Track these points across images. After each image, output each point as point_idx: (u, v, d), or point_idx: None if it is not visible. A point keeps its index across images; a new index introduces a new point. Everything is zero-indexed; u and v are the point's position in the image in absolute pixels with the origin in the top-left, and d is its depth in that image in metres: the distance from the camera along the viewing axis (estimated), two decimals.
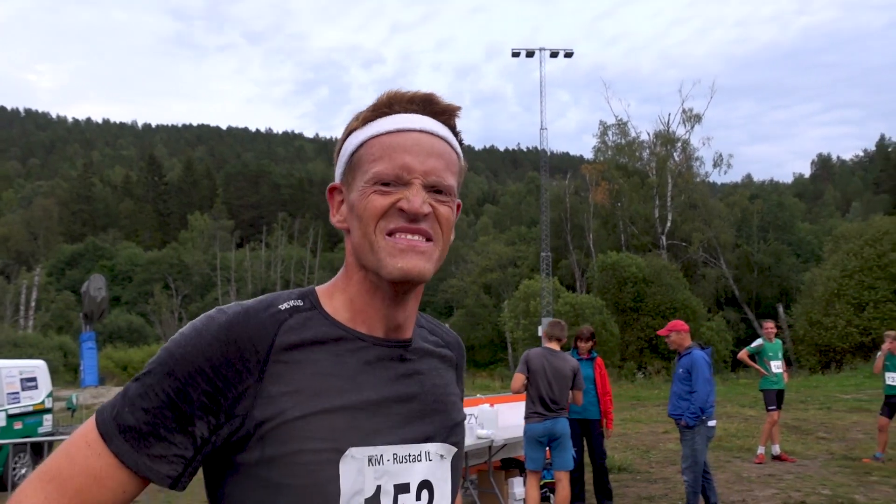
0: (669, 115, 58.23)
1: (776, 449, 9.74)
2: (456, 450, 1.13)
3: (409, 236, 1.01)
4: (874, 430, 10.35)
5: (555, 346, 6.50)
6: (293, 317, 1.03)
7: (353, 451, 0.97)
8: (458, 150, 1.10)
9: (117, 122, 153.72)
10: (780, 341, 10.04)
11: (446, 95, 1.11)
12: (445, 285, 56.91)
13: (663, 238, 44.63)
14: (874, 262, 31.81)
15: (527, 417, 6.41)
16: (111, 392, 25.48)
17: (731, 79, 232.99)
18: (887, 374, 9.39)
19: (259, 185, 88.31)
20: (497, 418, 7.36)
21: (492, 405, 7.53)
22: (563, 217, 48.47)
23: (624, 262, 36.37)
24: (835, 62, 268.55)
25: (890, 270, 31.26)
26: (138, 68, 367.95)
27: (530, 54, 33.98)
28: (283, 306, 1.04)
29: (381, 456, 1.00)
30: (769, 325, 10.08)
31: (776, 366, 9.71)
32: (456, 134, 1.11)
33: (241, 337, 0.97)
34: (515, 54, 33.61)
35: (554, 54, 34.41)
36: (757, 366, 9.83)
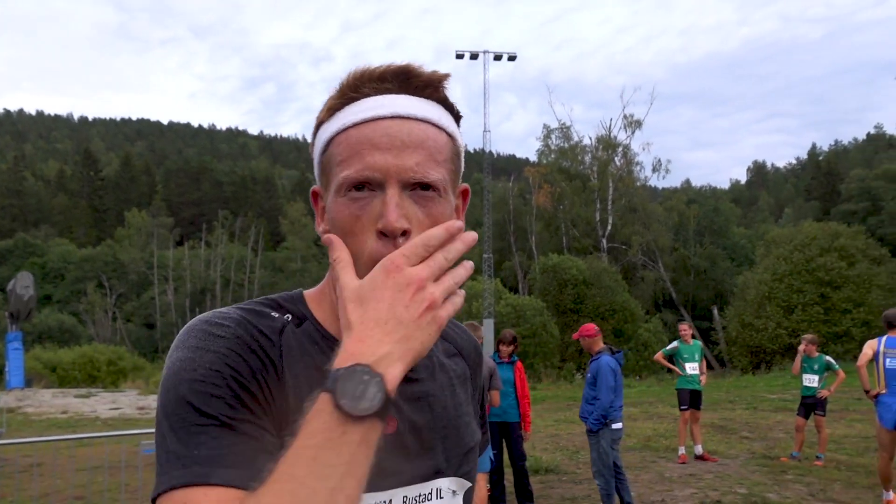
0: (611, 120, 59.37)
1: (698, 449, 9.94)
2: (469, 484, 0.99)
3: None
4: (794, 430, 10.67)
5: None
6: (288, 332, 0.90)
7: (364, 499, 0.80)
8: (451, 128, 0.90)
9: (52, 114, 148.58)
10: (698, 343, 10.28)
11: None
12: None
13: (604, 241, 45.41)
14: (803, 267, 32.99)
15: None
16: (38, 394, 24.52)
17: (674, 86, 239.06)
18: (804, 376, 9.69)
19: (200, 182, 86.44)
20: None
21: None
22: (507, 219, 48.86)
23: (565, 264, 36.84)
24: (773, 72, 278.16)
25: (817, 275, 32.46)
26: (76, 59, 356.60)
27: (474, 56, 34.10)
28: (277, 315, 0.91)
29: (390, 501, 0.88)
30: (684, 327, 10.36)
31: (691, 367, 9.93)
32: (450, 108, 0.91)
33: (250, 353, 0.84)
34: (459, 56, 33.66)
35: (498, 57, 34.60)
36: (674, 367, 10.12)
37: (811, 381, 9.59)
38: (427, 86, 0.88)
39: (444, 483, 0.94)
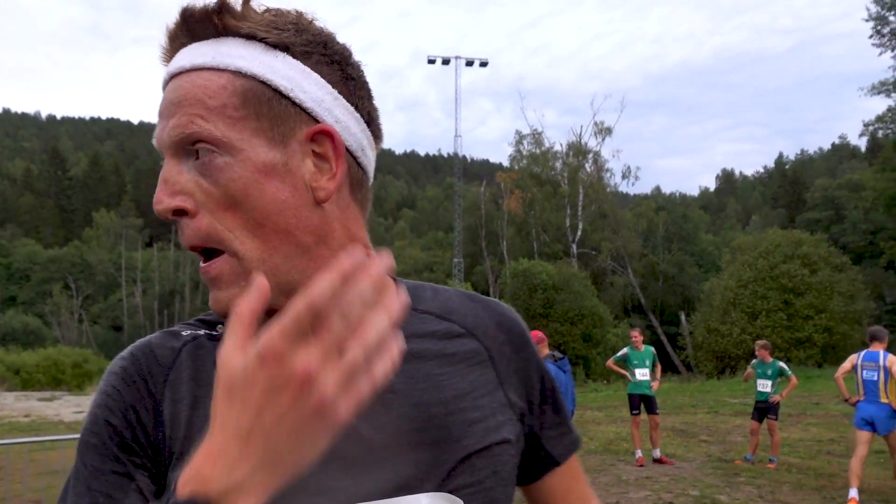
0: (581, 126, 59.96)
1: (656, 453, 10.16)
2: (470, 497, 0.74)
3: (203, 261, 0.72)
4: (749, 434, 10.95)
5: None
6: (187, 350, 0.81)
7: None
8: (238, 63, 0.70)
9: (19, 112, 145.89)
10: (650, 349, 10.56)
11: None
12: None
13: (574, 246, 45.86)
14: (767, 273, 33.65)
15: None
16: (0, 397, 24.13)
17: (647, 93, 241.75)
18: (758, 381, 9.97)
19: None
20: None
21: None
22: (479, 223, 49.13)
23: (535, 269, 37.14)
24: (742, 82, 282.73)
25: (780, 281, 33.13)
26: (46, 57, 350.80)
27: (446, 62, 34.38)
28: (187, 333, 0.83)
29: None
30: (635, 334, 10.71)
31: (640, 373, 10.21)
32: (252, 34, 0.71)
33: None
34: (431, 61, 33.92)
35: (469, 63, 34.91)
36: (625, 372, 10.44)
37: (764, 385, 9.87)
38: (204, 21, 0.72)
39: (423, 500, 0.72)
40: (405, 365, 0.74)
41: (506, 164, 63.79)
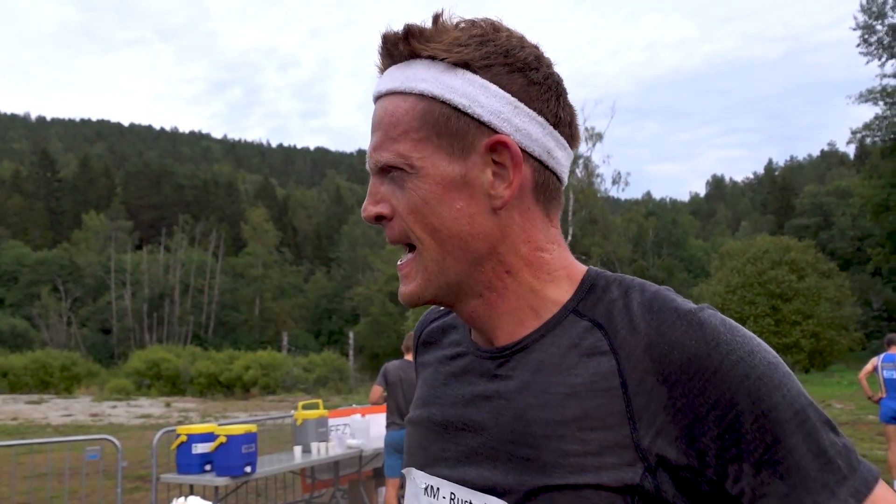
0: None
1: None
2: None
3: (403, 256, 0.82)
4: None
5: (410, 357, 6.70)
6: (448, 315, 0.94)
7: (414, 474, 0.85)
8: (421, 85, 0.76)
9: (8, 113, 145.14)
10: None
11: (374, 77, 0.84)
12: (351, 293, 56.64)
13: None
14: (755, 279, 33.90)
15: (387, 426, 6.58)
16: None
17: (639, 99, 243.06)
18: None
19: (161, 186, 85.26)
20: (368, 428, 7.46)
21: (363, 415, 7.62)
22: None
23: None
24: (733, 89, 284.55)
25: (768, 287, 33.38)
26: (36, 58, 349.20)
27: None
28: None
29: (438, 490, 0.80)
30: None
31: None
32: (434, 54, 0.77)
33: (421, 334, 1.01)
34: None
35: None
36: None
37: None
38: (395, 46, 0.79)
39: None
40: (529, 375, 0.75)
41: None
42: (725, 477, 0.68)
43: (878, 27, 32.52)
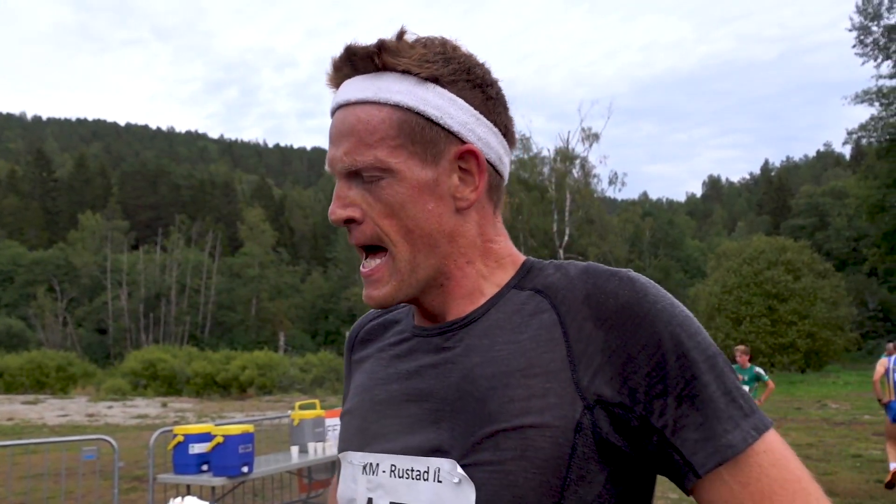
0: (569, 132, 60.15)
1: None
2: (488, 475, 0.75)
3: (365, 261, 0.87)
4: None
5: None
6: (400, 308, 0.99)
7: (351, 456, 0.88)
8: (396, 97, 0.83)
9: (4, 112, 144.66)
10: None
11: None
12: (348, 293, 56.60)
13: (561, 251, 46.03)
14: (751, 280, 33.99)
15: None
16: None
17: (635, 100, 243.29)
18: None
19: (157, 186, 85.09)
20: None
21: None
22: None
23: None
24: (729, 90, 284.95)
25: (765, 287, 33.48)
26: (31, 57, 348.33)
27: None
28: None
29: (377, 466, 0.84)
30: None
31: None
32: (407, 69, 0.83)
33: (351, 338, 1.06)
34: None
35: None
36: None
37: None
38: (366, 59, 0.84)
39: (445, 465, 0.77)
40: (475, 340, 0.82)
41: None
42: (652, 412, 0.74)
43: (874, 28, 32.62)
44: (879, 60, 32.66)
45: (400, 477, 0.81)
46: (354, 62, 0.85)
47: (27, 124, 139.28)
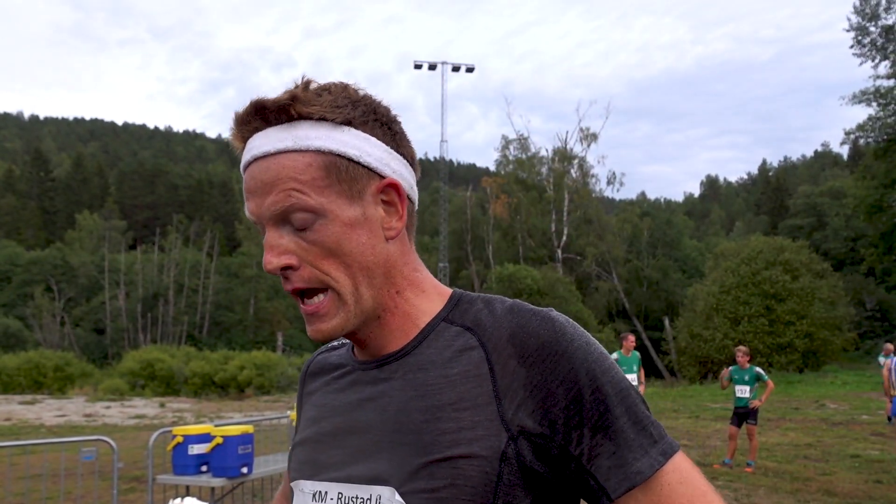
0: (567, 132, 60.13)
1: None
2: (424, 502, 0.82)
3: (305, 301, 0.90)
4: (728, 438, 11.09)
5: None
6: (342, 347, 1.06)
7: (302, 485, 0.94)
8: (317, 142, 0.86)
9: (1, 112, 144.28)
10: (636, 354, 10.70)
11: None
12: None
13: (559, 251, 46.06)
14: (749, 280, 33.98)
15: None
16: None
17: (632, 101, 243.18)
18: (736, 387, 10.11)
19: (155, 185, 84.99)
20: None
21: None
22: (465, 228, 49.22)
23: (520, 273, 37.31)
24: (725, 90, 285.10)
25: (762, 287, 33.47)
26: (28, 57, 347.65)
27: (433, 67, 34.44)
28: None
29: (326, 493, 0.90)
30: (631, 338, 10.79)
31: (630, 378, 10.32)
32: (324, 115, 0.87)
33: (303, 372, 1.12)
34: (418, 66, 33.97)
35: (456, 68, 35.03)
36: None
37: (742, 391, 10.01)
38: (280, 112, 0.87)
39: (385, 493, 0.84)
40: (410, 374, 0.89)
41: (492, 168, 64.03)
42: (570, 441, 0.82)
43: (872, 28, 32.65)
44: (877, 61, 32.71)
45: None
46: (265, 115, 0.87)
47: (24, 124, 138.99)
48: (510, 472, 0.82)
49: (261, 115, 0.87)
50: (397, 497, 0.83)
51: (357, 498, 0.86)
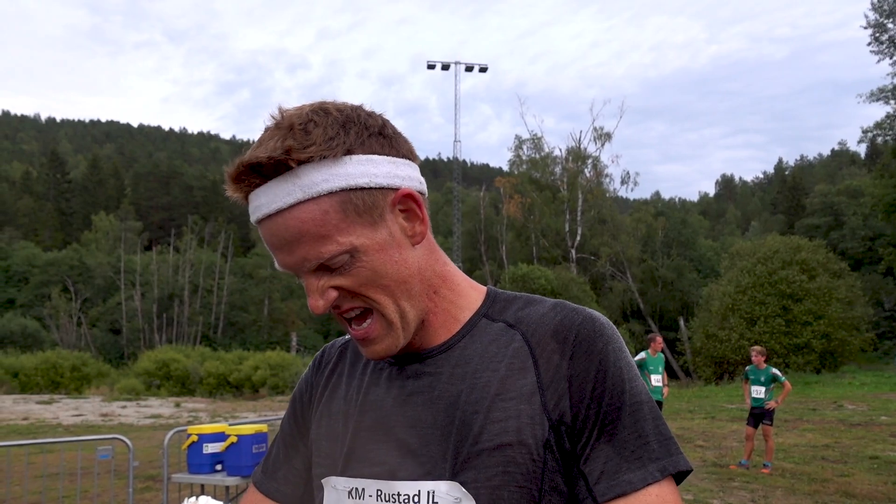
0: (581, 132, 59.83)
1: None
2: (478, 491, 0.84)
3: (354, 326, 0.91)
4: (744, 439, 11.00)
5: None
6: (350, 347, 1.08)
7: (335, 481, 0.93)
8: (323, 185, 0.83)
9: (18, 114, 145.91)
10: (661, 355, 10.62)
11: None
12: None
13: (573, 251, 45.89)
14: (765, 279, 33.65)
15: None
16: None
17: (646, 100, 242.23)
18: (752, 388, 10.01)
19: (170, 186, 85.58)
20: None
21: None
22: (478, 228, 49.16)
23: (534, 273, 37.20)
24: (740, 90, 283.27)
25: (779, 287, 33.14)
26: (46, 60, 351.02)
27: (446, 67, 34.43)
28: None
29: (363, 490, 0.90)
30: (659, 339, 10.73)
31: (656, 379, 10.25)
32: (324, 153, 0.84)
33: (318, 359, 1.11)
34: (431, 66, 33.97)
35: (469, 68, 35.00)
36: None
37: (759, 392, 9.92)
38: (277, 167, 0.83)
39: (442, 487, 0.85)
40: (458, 368, 0.90)
41: (505, 168, 63.91)
42: (581, 437, 0.85)
43: (890, 25, 32.29)
44: (895, 58, 32.34)
45: (387, 501, 0.88)
46: (262, 171, 0.84)
47: (41, 126, 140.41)
48: (552, 458, 0.84)
49: (258, 172, 0.84)
50: (460, 488, 0.84)
51: (399, 495, 0.87)
